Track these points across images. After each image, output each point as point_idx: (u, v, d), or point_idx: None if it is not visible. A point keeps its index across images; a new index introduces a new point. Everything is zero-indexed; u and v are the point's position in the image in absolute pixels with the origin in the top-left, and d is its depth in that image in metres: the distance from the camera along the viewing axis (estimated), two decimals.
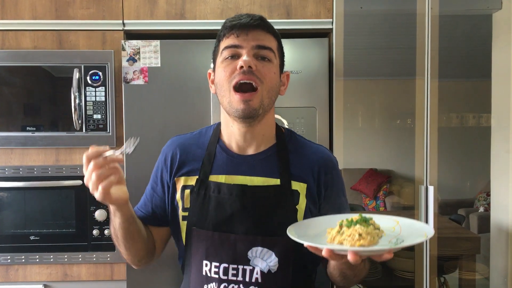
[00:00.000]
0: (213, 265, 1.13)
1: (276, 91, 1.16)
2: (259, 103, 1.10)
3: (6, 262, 2.04)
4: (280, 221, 1.12)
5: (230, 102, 1.10)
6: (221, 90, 1.13)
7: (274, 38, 1.17)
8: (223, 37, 1.14)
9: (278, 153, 1.18)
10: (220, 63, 1.14)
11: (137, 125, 1.98)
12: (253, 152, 1.18)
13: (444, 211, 4.53)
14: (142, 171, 1.98)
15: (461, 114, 5.56)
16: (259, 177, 1.15)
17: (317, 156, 1.21)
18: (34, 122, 2.02)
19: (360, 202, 5.45)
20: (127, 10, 2.04)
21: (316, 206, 1.18)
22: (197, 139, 1.24)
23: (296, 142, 1.23)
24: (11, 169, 2.04)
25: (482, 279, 2.82)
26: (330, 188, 1.19)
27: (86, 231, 2.04)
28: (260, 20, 1.14)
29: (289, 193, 1.15)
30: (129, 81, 1.97)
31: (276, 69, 1.15)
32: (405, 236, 0.97)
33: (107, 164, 0.97)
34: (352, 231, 0.95)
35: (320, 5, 2.05)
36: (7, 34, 2.03)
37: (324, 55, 1.99)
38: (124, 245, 1.15)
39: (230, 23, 1.13)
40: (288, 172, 1.16)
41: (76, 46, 2.03)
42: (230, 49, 1.12)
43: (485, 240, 2.86)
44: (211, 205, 1.14)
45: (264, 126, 1.18)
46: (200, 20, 2.04)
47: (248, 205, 1.12)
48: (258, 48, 1.11)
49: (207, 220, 1.13)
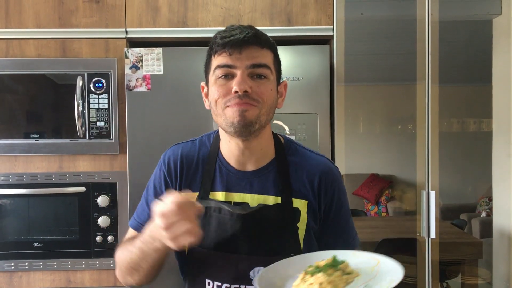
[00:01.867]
0: (216, 284, 1.12)
1: (273, 107, 1.11)
2: (255, 116, 1.05)
3: (10, 269, 2.05)
4: (281, 240, 1.11)
5: (226, 118, 1.06)
6: (215, 109, 1.09)
7: (269, 52, 1.10)
8: (215, 53, 1.08)
9: (278, 168, 1.15)
10: (213, 81, 1.09)
11: (140, 132, 2.00)
12: (252, 168, 1.15)
13: (446, 216, 4.53)
14: (145, 177, 1.99)
15: (462, 119, 5.57)
16: (259, 194, 1.13)
17: (318, 168, 1.17)
18: (37, 129, 2.03)
19: (362, 208, 5.45)
20: (130, 18, 2.06)
21: (317, 221, 1.16)
22: (198, 150, 1.20)
23: (296, 153, 1.20)
24: (15, 176, 2.05)
25: (485, 284, 2.81)
26: (330, 203, 1.17)
27: (90, 237, 2.05)
28: (254, 35, 1.06)
29: (290, 212, 1.13)
30: (132, 89, 1.99)
31: (273, 85, 1.10)
32: (379, 280, 0.92)
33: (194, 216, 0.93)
34: (314, 280, 0.91)
35: (321, 12, 2.06)
36: (11, 42, 2.05)
37: (325, 61, 2.01)
38: (146, 274, 1.10)
39: (222, 40, 1.05)
40: (289, 188, 1.14)
41: (79, 54, 2.05)
42: (223, 69, 1.06)
43: (487, 245, 2.86)
44: (212, 225, 1.12)
45: (262, 140, 1.14)
46: (202, 27, 2.06)
47: (249, 225, 1.10)
48: (253, 67, 1.05)
49: (208, 240, 1.11)
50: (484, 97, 2.98)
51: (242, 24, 1.10)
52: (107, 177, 2.05)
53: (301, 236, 1.13)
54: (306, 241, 1.14)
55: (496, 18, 2.64)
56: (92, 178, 2.05)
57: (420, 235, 2.12)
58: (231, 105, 1.05)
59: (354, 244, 1.22)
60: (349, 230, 1.22)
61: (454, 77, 4.56)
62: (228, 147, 1.15)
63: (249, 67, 1.05)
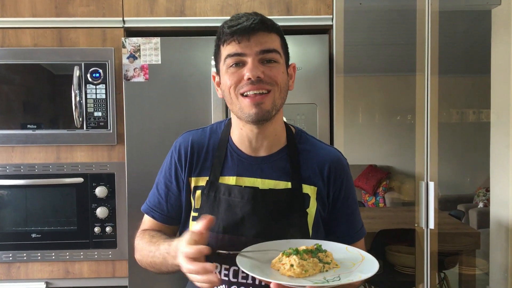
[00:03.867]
0: (223, 267, 1.13)
1: (286, 89, 1.14)
2: (271, 104, 1.08)
3: (8, 260, 2.04)
4: (290, 224, 1.11)
5: (241, 108, 1.08)
6: (229, 97, 1.10)
7: (277, 36, 1.11)
8: (223, 42, 1.09)
9: (289, 155, 1.17)
10: (225, 70, 1.10)
11: (137, 122, 1.99)
12: (264, 154, 1.17)
13: (444, 206, 4.55)
14: (143, 168, 1.99)
15: (461, 110, 5.57)
16: (270, 179, 1.15)
17: (328, 158, 1.19)
18: (34, 120, 2.02)
19: (359, 198, 5.46)
20: (127, 7, 2.04)
21: (325, 209, 1.18)
22: (208, 137, 1.22)
23: (307, 143, 1.21)
24: (12, 167, 2.04)
25: (482, 274, 2.83)
26: (339, 192, 1.18)
27: (88, 228, 2.04)
28: (260, 21, 1.07)
29: (300, 197, 1.14)
30: (129, 79, 1.97)
31: (283, 68, 1.12)
32: (354, 273, 0.95)
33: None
34: (286, 261, 0.95)
35: (320, 1, 2.04)
36: (7, 32, 2.03)
37: (324, 51, 2.00)
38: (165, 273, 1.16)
39: (229, 29, 1.07)
40: (299, 175, 1.15)
41: (76, 43, 2.03)
42: (234, 57, 1.07)
43: (485, 235, 2.87)
44: (221, 208, 1.13)
45: (276, 125, 1.16)
46: (200, 17, 2.04)
47: (259, 208, 1.12)
48: (263, 53, 1.07)
49: (217, 223, 1.12)
50: (483, 88, 2.97)
51: (247, 12, 1.12)
52: (105, 167, 2.04)
53: (309, 222, 1.14)
54: (314, 227, 1.16)
55: (495, 8, 2.63)
56: (90, 169, 2.04)
57: (419, 226, 2.13)
58: (245, 92, 1.07)
59: (359, 235, 1.23)
60: (354, 221, 1.23)
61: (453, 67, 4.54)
62: (240, 134, 1.17)
63: (259, 53, 1.07)
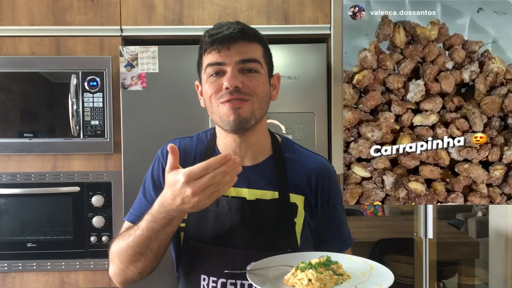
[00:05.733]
0: (211, 279, 1.11)
1: (267, 100, 1.12)
2: (249, 112, 1.06)
3: (3, 269, 2.02)
4: (278, 235, 1.10)
5: (221, 116, 1.07)
6: (210, 106, 1.09)
7: (258, 45, 1.10)
8: (204, 51, 1.08)
9: (276, 164, 1.16)
10: (205, 80, 1.08)
11: (134, 131, 1.98)
12: (250, 163, 1.16)
13: (442, 215, 4.53)
14: (140, 177, 1.97)
15: None
16: (257, 189, 1.13)
17: (315, 166, 1.18)
18: (31, 129, 2.01)
19: (358, 207, 5.44)
20: (125, 16, 2.04)
21: (313, 217, 1.16)
22: (195, 145, 1.21)
23: (293, 151, 1.20)
24: (8, 176, 2.03)
25: (482, 284, 2.81)
26: (327, 200, 1.17)
27: (84, 238, 2.03)
28: (241, 30, 1.06)
29: (288, 207, 1.13)
30: (127, 87, 1.97)
31: (265, 78, 1.10)
32: (368, 284, 0.94)
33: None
34: (303, 275, 0.93)
35: (318, 10, 2.05)
36: (5, 40, 2.02)
37: (322, 60, 2.00)
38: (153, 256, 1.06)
39: (209, 38, 1.05)
40: (286, 184, 1.14)
41: (74, 52, 2.03)
42: (214, 67, 1.06)
43: (484, 245, 2.85)
44: (209, 219, 1.12)
45: (258, 135, 1.15)
46: (198, 25, 2.04)
47: (247, 219, 1.10)
48: (243, 62, 1.05)
49: (205, 234, 1.11)
50: None
51: (229, 21, 1.10)
52: (101, 176, 2.03)
53: (298, 231, 1.13)
54: (303, 236, 1.14)
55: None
56: (86, 178, 2.03)
57: (417, 235, 2.11)
58: (224, 101, 1.05)
59: (348, 243, 1.23)
60: (343, 229, 1.23)
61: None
62: (224, 143, 1.16)
63: (238, 62, 1.05)
